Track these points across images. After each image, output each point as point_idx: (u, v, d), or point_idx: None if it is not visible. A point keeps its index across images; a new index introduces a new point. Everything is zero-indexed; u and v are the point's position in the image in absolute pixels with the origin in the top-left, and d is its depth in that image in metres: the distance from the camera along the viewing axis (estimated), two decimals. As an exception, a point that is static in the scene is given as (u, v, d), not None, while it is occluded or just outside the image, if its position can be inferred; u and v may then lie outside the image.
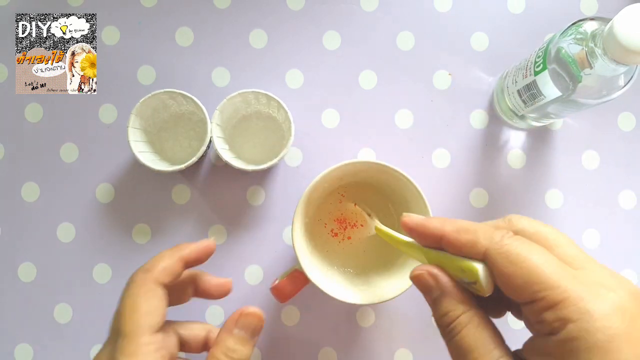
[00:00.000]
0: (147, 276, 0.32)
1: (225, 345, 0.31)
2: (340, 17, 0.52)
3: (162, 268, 0.33)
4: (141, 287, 0.32)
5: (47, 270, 0.49)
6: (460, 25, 0.52)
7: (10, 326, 0.49)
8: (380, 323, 0.49)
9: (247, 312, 0.33)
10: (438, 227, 0.29)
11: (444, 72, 0.51)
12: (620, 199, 0.51)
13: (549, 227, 0.28)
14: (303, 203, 0.40)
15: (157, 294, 0.32)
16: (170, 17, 0.51)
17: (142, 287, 0.32)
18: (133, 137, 0.45)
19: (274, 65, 0.51)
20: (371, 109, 0.51)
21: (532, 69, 0.41)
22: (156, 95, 0.45)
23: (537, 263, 0.24)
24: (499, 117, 0.51)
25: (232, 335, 0.32)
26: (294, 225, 0.39)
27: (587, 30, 0.36)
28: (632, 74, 0.36)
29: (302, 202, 0.39)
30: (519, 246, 0.25)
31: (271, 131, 0.50)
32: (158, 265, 0.33)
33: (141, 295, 0.31)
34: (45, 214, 0.50)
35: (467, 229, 0.27)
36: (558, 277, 0.24)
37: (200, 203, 0.50)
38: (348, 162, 0.40)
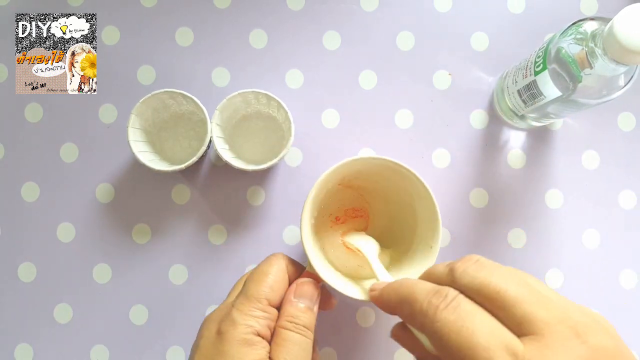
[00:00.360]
0: (283, 258, 0.38)
1: (289, 313, 0.34)
2: (341, 17, 0.52)
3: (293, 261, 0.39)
4: (274, 263, 0.37)
5: (47, 270, 0.49)
6: (460, 25, 0.52)
7: (10, 326, 0.49)
8: (380, 323, 0.49)
9: (301, 281, 0.37)
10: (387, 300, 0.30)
11: (444, 72, 0.51)
12: (621, 199, 0.51)
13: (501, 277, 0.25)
14: (311, 201, 0.39)
15: (284, 277, 0.36)
16: (170, 17, 0.51)
17: (276, 264, 0.37)
18: (133, 137, 0.45)
19: (274, 65, 0.51)
20: (371, 109, 0.51)
21: (532, 69, 0.41)
22: (156, 95, 0.45)
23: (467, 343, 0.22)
24: (499, 117, 0.51)
25: (293, 305, 0.35)
26: (303, 224, 0.38)
27: (587, 30, 0.36)
28: (632, 73, 0.36)
29: (310, 199, 0.39)
30: (450, 322, 0.23)
31: (271, 131, 0.50)
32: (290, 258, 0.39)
33: (272, 271, 0.36)
34: (45, 214, 0.50)
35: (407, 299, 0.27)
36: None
37: (200, 203, 0.50)
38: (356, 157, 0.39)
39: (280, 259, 0.37)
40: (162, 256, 0.49)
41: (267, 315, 0.34)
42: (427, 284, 0.27)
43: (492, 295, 0.24)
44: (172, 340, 0.49)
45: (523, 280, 0.25)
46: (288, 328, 0.34)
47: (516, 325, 0.23)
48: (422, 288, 0.26)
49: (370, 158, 0.39)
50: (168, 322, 0.49)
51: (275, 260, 0.37)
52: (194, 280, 0.49)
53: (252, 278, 0.36)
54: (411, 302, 0.26)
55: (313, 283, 0.37)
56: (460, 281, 0.26)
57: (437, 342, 0.24)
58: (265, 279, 0.35)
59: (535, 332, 0.23)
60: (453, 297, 0.24)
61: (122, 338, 0.49)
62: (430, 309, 0.24)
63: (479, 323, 0.23)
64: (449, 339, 0.23)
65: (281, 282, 0.36)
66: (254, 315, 0.33)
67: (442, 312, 0.24)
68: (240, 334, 0.32)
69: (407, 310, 0.26)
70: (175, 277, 0.49)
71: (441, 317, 0.24)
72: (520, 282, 0.25)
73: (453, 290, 0.25)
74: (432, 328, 0.24)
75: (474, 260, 0.27)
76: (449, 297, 0.25)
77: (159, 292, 0.49)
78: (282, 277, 0.36)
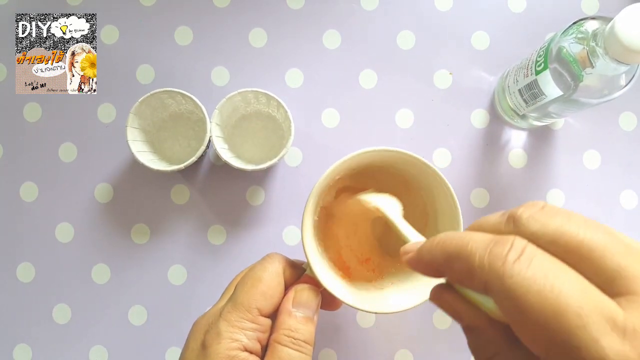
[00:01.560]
0: (280, 260, 0.34)
1: (287, 326, 0.31)
2: (341, 16, 0.51)
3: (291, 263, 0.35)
4: (269, 267, 0.33)
5: (45, 270, 0.49)
6: (461, 24, 0.51)
7: (9, 326, 0.49)
8: (380, 324, 0.49)
9: (300, 288, 0.33)
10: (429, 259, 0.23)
11: (445, 72, 0.51)
12: (622, 198, 0.50)
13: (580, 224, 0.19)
14: (314, 198, 0.35)
15: (279, 282, 0.33)
16: (170, 16, 0.51)
17: (271, 267, 0.33)
18: (132, 136, 0.45)
19: (274, 64, 0.51)
20: (371, 109, 0.51)
21: (533, 68, 0.41)
22: (155, 95, 0.45)
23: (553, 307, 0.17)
24: (500, 117, 0.51)
25: (291, 316, 0.32)
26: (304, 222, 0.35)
27: (588, 30, 0.36)
28: (633, 73, 0.36)
29: (314, 194, 0.35)
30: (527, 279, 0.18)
31: (271, 131, 0.50)
32: (288, 259, 0.35)
33: (265, 276, 0.32)
34: (43, 214, 0.50)
35: (458, 254, 0.21)
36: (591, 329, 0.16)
37: (199, 203, 0.50)
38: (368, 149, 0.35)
39: (277, 262, 0.34)
40: (161, 256, 0.49)
41: (256, 327, 0.31)
42: (481, 234, 0.21)
43: (573, 245, 0.19)
44: (171, 341, 0.49)
45: (607, 228, 0.20)
46: (285, 344, 0.30)
47: (607, 282, 0.18)
48: (478, 238, 0.20)
49: (383, 150, 0.36)
50: (167, 323, 0.49)
51: (270, 263, 0.33)
52: (193, 280, 0.49)
53: (242, 283, 0.32)
54: (467, 256, 0.20)
55: (313, 290, 0.33)
56: (528, 229, 0.20)
57: (509, 305, 0.18)
58: (257, 284, 0.32)
59: (632, 291, 0.17)
60: (523, 247, 0.19)
61: (121, 339, 0.49)
62: (497, 262, 0.19)
63: (565, 281, 0.18)
64: (527, 301, 0.17)
65: (276, 288, 0.32)
66: (241, 327, 0.30)
67: (513, 266, 0.18)
68: (225, 349, 0.29)
69: (461, 267, 0.20)
70: (174, 277, 0.49)
71: (514, 272, 0.18)
72: (606, 230, 0.19)
73: (520, 239, 0.19)
74: (502, 286, 0.18)
75: (540, 206, 0.21)
76: (518, 247, 0.19)
77: (158, 293, 0.49)
78: (277, 283, 0.32)
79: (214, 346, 0.29)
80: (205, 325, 0.31)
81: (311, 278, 0.34)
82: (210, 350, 0.29)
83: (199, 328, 0.32)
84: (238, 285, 0.33)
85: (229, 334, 0.30)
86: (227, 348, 0.29)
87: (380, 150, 0.36)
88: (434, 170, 0.36)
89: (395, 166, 0.38)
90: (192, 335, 0.32)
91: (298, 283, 0.34)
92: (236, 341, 0.30)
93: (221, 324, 0.30)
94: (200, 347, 0.30)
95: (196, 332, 0.32)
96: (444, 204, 0.37)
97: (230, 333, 0.30)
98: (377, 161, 0.38)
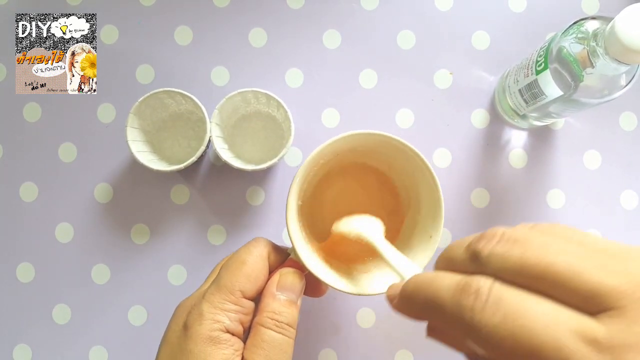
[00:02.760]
0: (265, 245, 0.34)
1: (271, 308, 0.31)
2: (341, 16, 0.51)
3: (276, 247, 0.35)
4: (254, 250, 0.33)
5: (45, 270, 0.49)
6: (461, 24, 0.51)
7: (8, 327, 0.49)
8: (380, 324, 0.49)
9: (285, 271, 0.33)
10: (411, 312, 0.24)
11: (445, 71, 0.51)
12: (622, 199, 0.50)
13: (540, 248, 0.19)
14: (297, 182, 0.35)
15: (264, 265, 0.33)
16: (169, 16, 0.51)
17: (255, 251, 0.33)
18: (131, 136, 0.45)
19: (274, 64, 0.51)
20: (372, 108, 0.51)
21: (533, 68, 0.41)
22: (155, 95, 0.45)
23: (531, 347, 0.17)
24: (500, 117, 0.51)
25: (275, 299, 0.32)
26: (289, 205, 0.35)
27: (588, 30, 0.36)
28: (633, 73, 0.36)
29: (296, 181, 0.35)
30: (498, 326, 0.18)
31: (271, 131, 0.49)
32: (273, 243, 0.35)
33: (250, 260, 0.32)
34: (43, 214, 0.50)
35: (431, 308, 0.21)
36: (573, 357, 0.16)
37: (199, 203, 0.50)
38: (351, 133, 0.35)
39: (262, 246, 0.34)
40: (161, 257, 0.49)
41: (239, 309, 0.31)
42: (448, 277, 0.21)
43: (538, 273, 0.18)
44: (171, 341, 0.49)
45: (568, 241, 0.19)
46: (268, 326, 0.30)
47: (582, 302, 0.17)
48: (444, 286, 0.20)
49: (370, 134, 0.35)
50: (167, 323, 0.49)
51: (255, 247, 0.33)
52: (193, 281, 0.49)
53: (227, 266, 0.32)
54: (437, 308, 0.20)
55: (298, 274, 0.33)
56: (490, 267, 0.20)
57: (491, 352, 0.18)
58: (241, 267, 0.32)
59: (611, 306, 0.17)
60: (488, 291, 0.19)
61: (121, 339, 0.49)
62: (466, 315, 0.19)
63: (537, 315, 0.17)
64: (506, 347, 0.17)
65: (260, 271, 0.32)
66: (224, 309, 0.30)
67: (482, 316, 0.18)
68: (206, 330, 0.29)
69: (437, 319, 0.21)
70: (174, 277, 0.49)
71: (483, 323, 0.18)
72: (567, 247, 0.19)
73: (484, 280, 0.19)
74: (478, 338, 0.18)
75: (498, 237, 0.20)
76: (482, 293, 0.19)
77: (157, 293, 0.49)
78: (261, 266, 0.32)
79: (195, 327, 0.29)
80: (188, 307, 0.31)
81: (296, 262, 0.35)
82: (191, 330, 0.29)
83: (181, 310, 0.32)
84: (222, 268, 0.33)
85: (211, 315, 0.30)
86: (209, 329, 0.29)
87: (364, 134, 0.35)
88: (416, 153, 0.36)
89: (378, 150, 0.38)
90: (175, 316, 0.32)
91: (283, 267, 0.34)
92: (218, 322, 0.30)
93: (204, 305, 0.30)
94: (182, 328, 0.30)
95: (178, 313, 0.32)
96: (426, 188, 0.37)
97: (212, 314, 0.30)
98: (360, 145, 0.38)
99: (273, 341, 0.30)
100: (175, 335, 0.30)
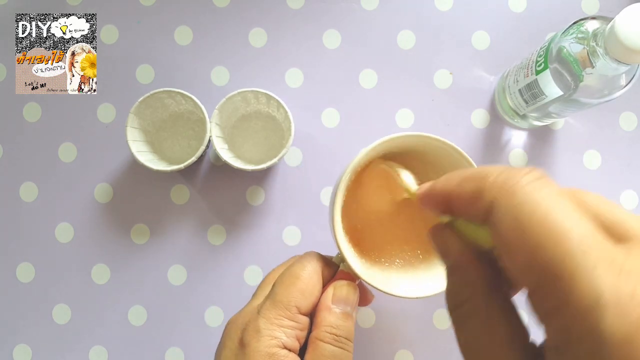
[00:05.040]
0: (318, 260, 0.33)
1: (328, 322, 0.31)
2: (341, 16, 0.51)
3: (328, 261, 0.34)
4: (307, 265, 0.33)
5: (45, 270, 0.49)
6: (461, 24, 0.51)
7: (8, 327, 0.49)
8: (380, 324, 0.49)
9: (339, 284, 0.32)
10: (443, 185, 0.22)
11: (445, 71, 0.51)
12: (622, 199, 0.50)
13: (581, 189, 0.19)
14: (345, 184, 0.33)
15: (318, 280, 0.32)
16: (170, 16, 0.51)
17: (309, 266, 0.33)
18: (132, 136, 0.45)
19: (274, 64, 0.51)
20: (372, 108, 0.51)
21: (533, 68, 0.41)
22: (155, 95, 0.45)
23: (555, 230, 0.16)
24: (500, 117, 0.51)
25: (331, 312, 0.31)
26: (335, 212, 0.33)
27: (588, 30, 0.36)
28: (633, 73, 0.36)
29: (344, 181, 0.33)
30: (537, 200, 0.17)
31: (271, 131, 0.49)
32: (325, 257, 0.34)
33: (304, 275, 0.32)
34: (43, 214, 0.50)
35: (473, 176, 0.20)
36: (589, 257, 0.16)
37: (199, 203, 0.50)
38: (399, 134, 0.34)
39: (315, 261, 0.33)
40: (161, 257, 0.49)
41: (295, 325, 0.30)
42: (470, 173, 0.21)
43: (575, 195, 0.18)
44: (171, 342, 0.49)
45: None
46: (327, 341, 0.30)
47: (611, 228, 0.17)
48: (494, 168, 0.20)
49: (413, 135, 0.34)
50: (167, 323, 0.49)
51: (308, 262, 0.33)
52: (193, 281, 0.49)
53: (281, 281, 0.32)
54: (481, 177, 0.20)
55: (352, 285, 0.33)
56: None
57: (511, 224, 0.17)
58: (296, 282, 0.31)
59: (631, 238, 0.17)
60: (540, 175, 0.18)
61: (121, 339, 0.49)
62: (510, 180, 0.18)
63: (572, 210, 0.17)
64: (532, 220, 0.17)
65: (314, 286, 0.32)
66: (280, 325, 0.30)
67: (526, 186, 0.18)
68: (265, 347, 0.29)
69: (472, 187, 0.20)
70: (174, 277, 0.49)
71: (526, 191, 0.17)
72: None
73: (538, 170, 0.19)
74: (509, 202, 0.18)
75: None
76: (535, 173, 0.18)
77: (157, 293, 0.49)
78: (315, 281, 0.32)
79: (253, 344, 0.29)
80: (241, 323, 0.31)
81: (346, 273, 0.34)
82: (249, 348, 0.29)
83: (234, 327, 0.31)
84: (276, 283, 0.32)
85: (269, 331, 0.29)
86: (267, 345, 0.29)
87: (412, 136, 0.34)
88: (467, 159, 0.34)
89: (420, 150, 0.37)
90: (228, 333, 0.31)
91: (334, 279, 0.34)
92: (275, 338, 0.29)
93: (260, 321, 0.30)
94: (239, 345, 0.30)
95: (232, 330, 0.31)
96: None
97: (269, 330, 0.29)
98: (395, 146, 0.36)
99: (333, 356, 0.30)
100: (232, 353, 0.30)
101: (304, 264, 0.33)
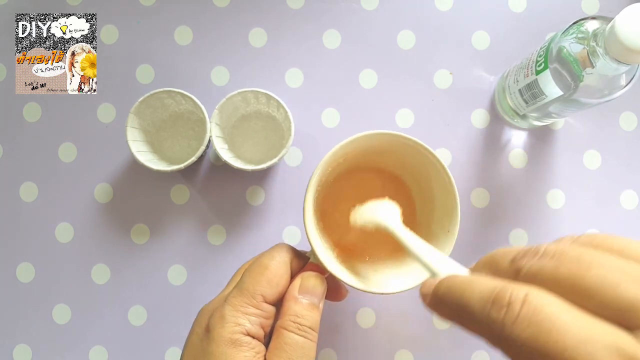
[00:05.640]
0: (287, 251, 0.34)
1: (293, 312, 0.32)
2: (341, 16, 0.51)
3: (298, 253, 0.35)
4: (276, 256, 0.34)
5: (45, 270, 0.49)
6: (461, 24, 0.51)
7: (8, 327, 0.49)
8: (380, 324, 0.49)
9: (307, 275, 0.33)
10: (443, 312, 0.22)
11: (445, 71, 0.51)
12: (622, 199, 0.50)
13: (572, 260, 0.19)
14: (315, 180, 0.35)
15: (286, 271, 0.33)
16: (170, 16, 0.51)
17: (278, 256, 0.34)
18: (132, 136, 0.45)
19: (274, 64, 0.51)
20: (372, 108, 0.51)
21: (533, 68, 0.41)
22: (155, 95, 0.45)
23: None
24: (500, 117, 0.51)
25: (297, 302, 0.32)
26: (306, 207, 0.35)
27: (588, 30, 0.36)
28: (633, 73, 0.36)
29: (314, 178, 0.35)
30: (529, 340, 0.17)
31: (271, 131, 0.49)
32: (295, 249, 0.35)
33: (272, 265, 0.33)
34: (43, 214, 0.50)
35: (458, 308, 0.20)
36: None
37: (199, 203, 0.50)
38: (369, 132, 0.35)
39: (284, 252, 0.34)
40: (161, 257, 0.49)
41: (260, 313, 0.31)
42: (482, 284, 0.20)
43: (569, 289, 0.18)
44: (171, 342, 0.49)
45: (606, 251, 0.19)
46: (291, 330, 0.31)
47: (619, 317, 0.17)
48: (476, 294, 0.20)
49: (385, 134, 0.35)
50: (167, 323, 0.49)
51: (277, 252, 0.34)
52: (193, 281, 0.49)
53: (249, 270, 0.33)
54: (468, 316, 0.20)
55: (320, 277, 0.34)
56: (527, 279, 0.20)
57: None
58: (263, 272, 0.32)
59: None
60: (521, 302, 0.18)
61: (121, 339, 0.49)
62: (495, 326, 0.18)
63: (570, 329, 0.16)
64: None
65: (282, 276, 0.33)
66: (245, 312, 0.31)
67: (513, 328, 0.17)
68: (228, 333, 0.30)
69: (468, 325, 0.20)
70: (174, 277, 0.49)
71: (514, 335, 0.17)
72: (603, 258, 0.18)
73: (519, 289, 0.18)
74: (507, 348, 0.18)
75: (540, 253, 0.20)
76: (515, 304, 0.18)
77: (157, 293, 0.49)
78: (283, 272, 0.33)
79: (218, 330, 0.30)
80: (210, 310, 0.32)
81: (316, 266, 0.35)
82: (213, 333, 0.30)
83: (204, 313, 0.32)
84: (245, 272, 0.33)
85: (233, 318, 0.30)
86: (231, 332, 0.30)
87: (376, 134, 0.36)
88: (435, 157, 0.36)
89: (390, 150, 0.38)
90: (197, 320, 0.32)
91: (303, 271, 0.35)
92: (239, 325, 0.30)
93: (226, 308, 0.31)
94: (204, 331, 0.31)
95: (201, 317, 0.32)
96: (440, 185, 0.37)
97: (234, 317, 0.30)
98: (371, 146, 0.38)
99: (296, 344, 0.30)
100: (198, 337, 0.31)
101: (273, 255, 0.34)
